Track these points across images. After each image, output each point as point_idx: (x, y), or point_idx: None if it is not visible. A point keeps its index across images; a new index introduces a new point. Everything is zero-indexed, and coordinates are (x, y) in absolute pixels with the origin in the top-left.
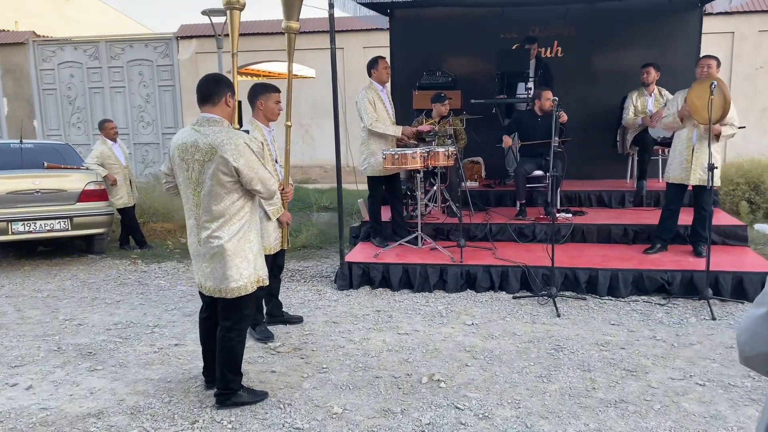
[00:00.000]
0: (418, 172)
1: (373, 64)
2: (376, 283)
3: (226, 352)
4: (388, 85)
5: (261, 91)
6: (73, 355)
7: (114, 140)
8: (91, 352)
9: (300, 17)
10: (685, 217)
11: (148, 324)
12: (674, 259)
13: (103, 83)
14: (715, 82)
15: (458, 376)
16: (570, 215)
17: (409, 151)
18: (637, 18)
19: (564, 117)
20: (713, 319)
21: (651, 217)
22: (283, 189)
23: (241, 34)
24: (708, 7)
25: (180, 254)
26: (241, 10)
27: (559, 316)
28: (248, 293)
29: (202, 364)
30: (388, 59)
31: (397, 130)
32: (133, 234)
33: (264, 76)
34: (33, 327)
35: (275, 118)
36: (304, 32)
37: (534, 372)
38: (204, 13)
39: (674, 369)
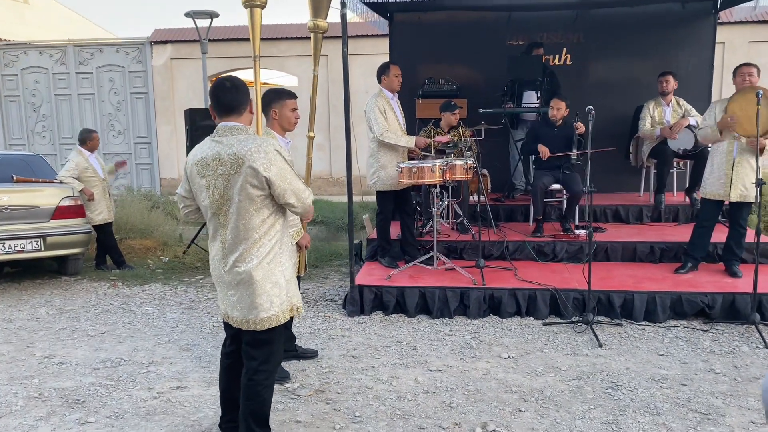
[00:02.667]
0: (434, 186)
1: (383, 71)
2: (390, 309)
3: (252, 399)
4: None
5: (274, 98)
6: (58, 404)
7: (92, 152)
8: (78, 399)
9: (278, 22)
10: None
11: (141, 361)
12: (711, 280)
13: (70, 90)
14: (761, 91)
15: (515, 425)
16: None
17: (427, 164)
18: (649, 25)
19: (582, 128)
20: (767, 347)
21: (675, 233)
22: None
23: (217, 40)
24: (725, 15)
25: (163, 275)
26: (263, 7)
27: (601, 345)
28: (280, 324)
29: (212, 411)
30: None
31: (409, 141)
32: (110, 253)
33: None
34: (7, 367)
35: (292, 128)
36: (285, 38)
37: (598, 417)
38: (188, 15)
39: (751, 410)
